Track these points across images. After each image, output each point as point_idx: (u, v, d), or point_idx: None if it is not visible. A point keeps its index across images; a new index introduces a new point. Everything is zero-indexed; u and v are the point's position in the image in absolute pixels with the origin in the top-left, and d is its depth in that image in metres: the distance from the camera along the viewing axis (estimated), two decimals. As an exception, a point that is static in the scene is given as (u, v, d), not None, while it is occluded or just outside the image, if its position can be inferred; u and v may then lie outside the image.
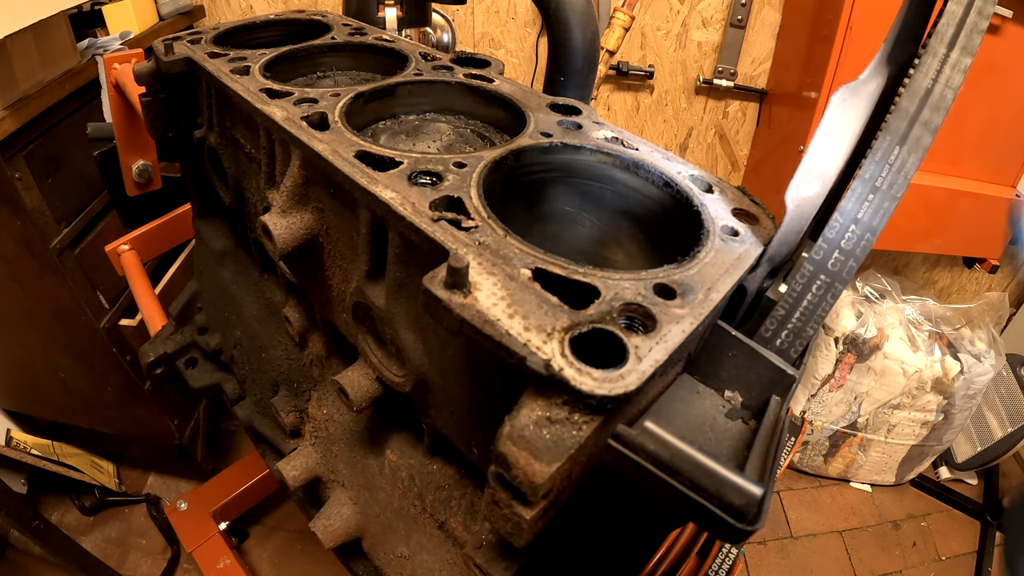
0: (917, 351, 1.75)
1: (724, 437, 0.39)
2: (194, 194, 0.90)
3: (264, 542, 1.68)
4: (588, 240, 0.57)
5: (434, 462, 0.61)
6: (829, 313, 0.43)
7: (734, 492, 0.30)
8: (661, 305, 0.37)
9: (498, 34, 1.83)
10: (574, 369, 0.31)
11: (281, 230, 0.54)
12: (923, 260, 2.14)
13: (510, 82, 0.66)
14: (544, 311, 0.35)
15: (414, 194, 0.45)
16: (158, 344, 0.96)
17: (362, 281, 0.51)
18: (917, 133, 0.39)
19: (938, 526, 1.89)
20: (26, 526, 1.24)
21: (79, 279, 1.26)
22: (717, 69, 1.79)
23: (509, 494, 0.33)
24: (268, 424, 0.84)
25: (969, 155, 1.57)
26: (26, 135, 1.13)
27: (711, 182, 0.52)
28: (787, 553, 1.78)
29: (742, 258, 0.43)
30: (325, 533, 0.65)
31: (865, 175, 0.40)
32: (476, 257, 0.38)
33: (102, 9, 1.43)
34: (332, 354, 0.72)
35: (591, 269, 0.39)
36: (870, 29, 1.38)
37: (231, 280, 0.86)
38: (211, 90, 0.70)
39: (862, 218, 0.40)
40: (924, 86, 0.40)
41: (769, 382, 0.41)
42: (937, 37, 0.40)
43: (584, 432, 0.31)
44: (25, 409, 1.64)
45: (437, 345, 0.46)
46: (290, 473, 0.69)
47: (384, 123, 0.65)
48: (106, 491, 1.71)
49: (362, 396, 0.55)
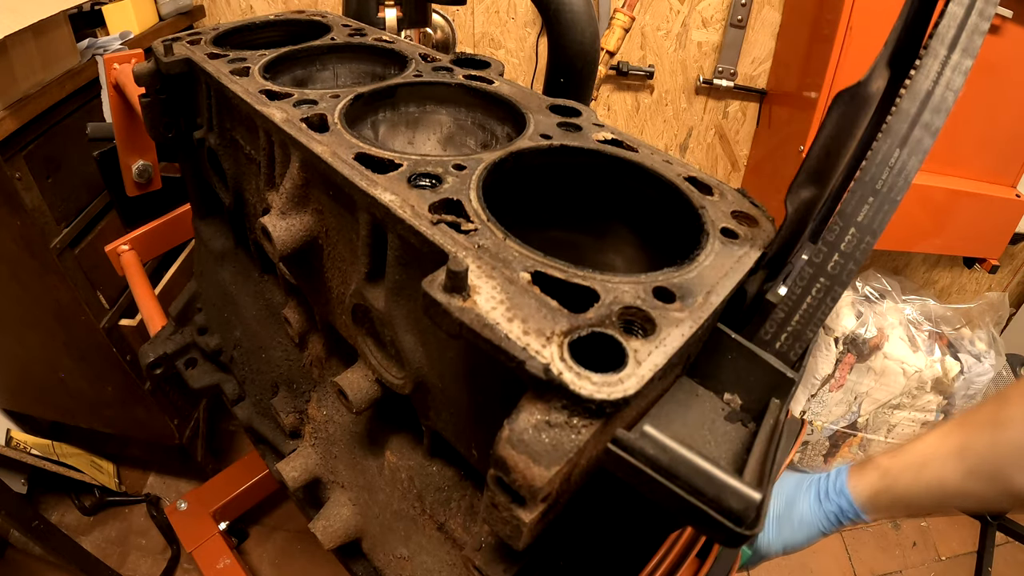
0: (917, 351, 1.75)
1: (723, 440, 0.39)
2: (194, 195, 0.90)
3: (264, 542, 1.69)
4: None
5: (434, 464, 0.61)
6: (829, 315, 0.43)
7: (733, 497, 0.30)
8: (660, 309, 0.37)
9: (498, 34, 1.83)
10: (573, 373, 0.31)
11: (280, 232, 0.54)
12: (923, 260, 2.13)
13: (510, 83, 0.66)
14: (543, 315, 0.35)
15: (413, 196, 0.44)
16: (158, 344, 0.96)
17: (361, 283, 0.51)
18: (918, 135, 0.39)
19: (938, 526, 1.89)
20: (26, 526, 1.24)
21: (79, 279, 1.26)
22: (717, 69, 1.79)
23: (508, 497, 0.33)
24: (268, 425, 0.84)
25: (969, 155, 1.57)
26: (26, 135, 1.13)
27: (711, 184, 0.52)
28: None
29: (742, 261, 0.43)
30: (325, 534, 0.65)
31: (865, 178, 0.40)
32: (475, 260, 0.38)
33: (102, 9, 1.43)
34: (332, 355, 0.72)
35: (590, 272, 0.39)
36: (870, 29, 1.38)
37: (231, 281, 0.86)
38: (211, 91, 0.69)
39: (862, 221, 0.40)
40: (925, 88, 0.40)
41: (768, 385, 0.41)
42: (938, 39, 0.40)
43: (583, 436, 0.31)
44: (25, 409, 1.64)
45: (436, 348, 0.46)
46: (290, 474, 0.69)
47: (383, 114, 0.65)
48: (106, 491, 1.71)
49: (361, 398, 0.55)
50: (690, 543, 0.60)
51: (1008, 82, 1.44)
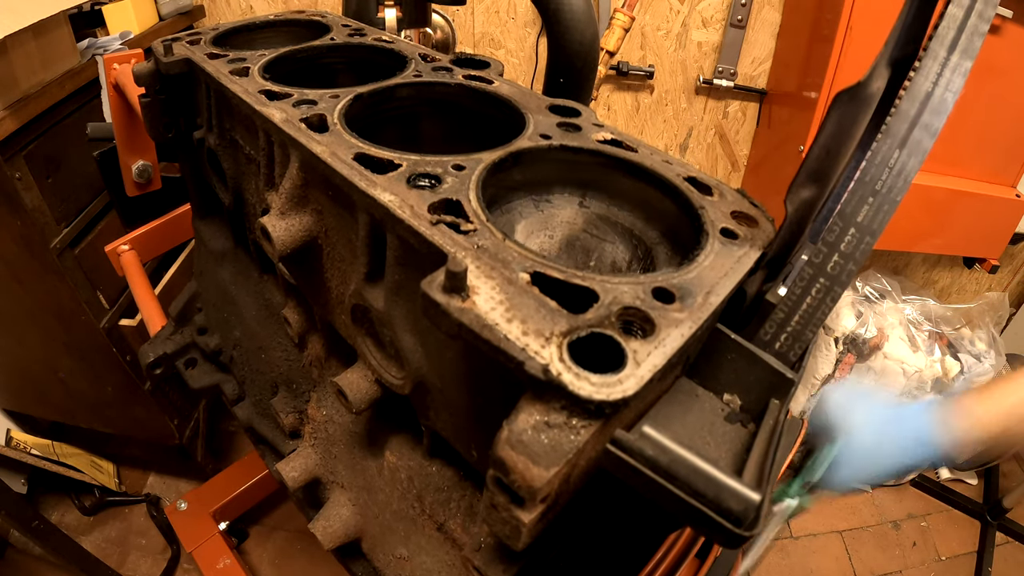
0: (917, 351, 1.75)
1: (723, 441, 0.39)
2: (194, 194, 0.90)
3: (264, 542, 1.68)
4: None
5: (433, 464, 0.61)
6: (828, 315, 0.43)
7: (732, 497, 0.30)
8: (660, 309, 0.37)
9: (498, 34, 1.83)
10: (572, 374, 0.31)
11: (280, 232, 0.54)
12: (923, 260, 2.13)
13: (509, 83, 0.66)
14: (542, 315, 0.35)
15: (413, 197, 0.44)
16: (158, 344, 0.96)
17: (361, 283, 0.51)
18: (917, 136, 0.39)
19: (938, 526, 1.89)
20: (26, 526, 1.24)
21: (79, 279, 1.26)
22: (717, 69, 1.79)
23: (507, 498, 0.33)
24: (268, 425, 0.84)
25: (969, 155, 1.57)
26: (26, 135, 1.12)
27: (710, 184, 0.52)
28: (787, 553, 1.78)
29: (741, 261, 0.43)
30: (324, 534, 0.65)
31: (865, 178, 0.40)
32: (475, 261, 0.38)
33: (102, 9, 1.43)
34: (331, 355, 0.72)
35: (589, 273, 0.39)
36: (870, 29, 1.38)
37: (230, 281, 0.86)
38: (210, 91, 0.69)
39: (862, 221, 0.40)
40: (924, 89, 0.40)
41: (768, 385, 0.41)
42: (938, 40, 0.40)
43: (582, 437, 0.31)
44: (25, 409, 1.64)
45: (436, 348, 0.46)
46: (289, 474, 0.69)
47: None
48: (106, 491, 1.71)
49: (361, 398, 0.55)
50: (689, 544, 0.60)
51: (1008, 82, 1.44)
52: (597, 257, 0.49)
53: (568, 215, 0.53)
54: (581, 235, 0.52)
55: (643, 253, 0.50)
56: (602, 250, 0.51)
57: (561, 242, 0.51)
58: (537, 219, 0.52)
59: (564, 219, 0.52)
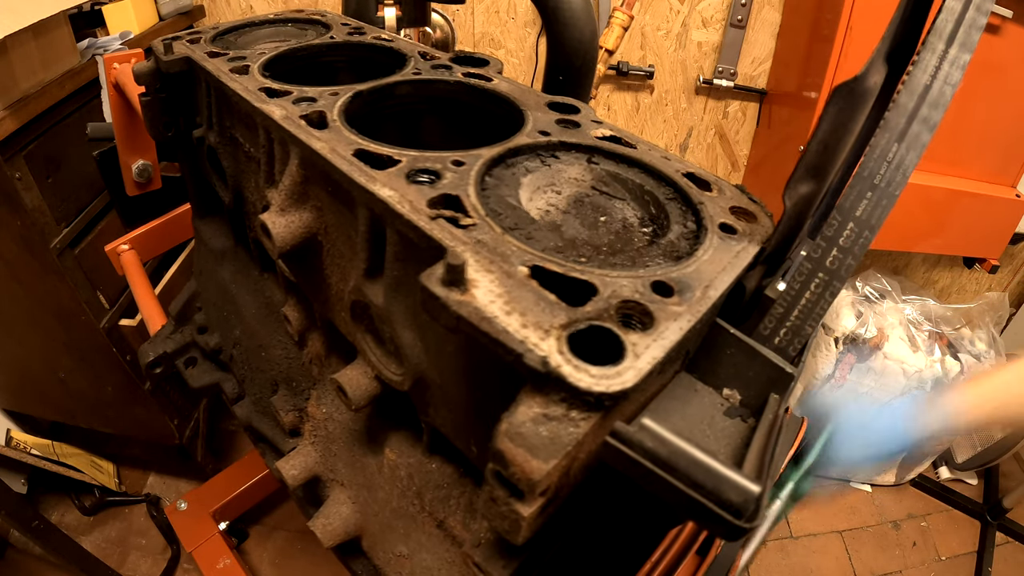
0: (917, 351, 1.75)
1: (722, 435, 0.39)
2: (194, 194, 0.90)
3: (264, 542, 1.68)
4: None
5: (433, 460, 0.60)
6: (828, 312, 0.43)
7: (732, 489, 0.30)
8: (659, 302, 0.37)
9: (498, 34, 1.83)
10: (571, 366, 0.31)
11: (280, 229, 0.54)
12: (923, 260, 2.13)
13: (508, 81, 0.66)
14: (541, 308, 0.35)
15: (412, 192, 0.45)
16: (157, 344, 0.96)
17: (360, 279, 0.51)
18: (916, 130, 0.39)
19: (938, 526, 1.89)
20: (26, 526, 1.24)
21: (79, 279, 1.26)
22: (717, 69, 1.79)
23: (507, 491, 0.33)
24: (267, 423, 0.84)
25: (969, 155, 1.57)
26: (26, 135, 1.13)
27: (709, 180, 0.52)
28: (787, 553, 1.77)
29: (740, 256, 0.43)
30: (324, 532, 0.65)
31: (863, 172, 0.40)
32: (474, 254, 0.38)
33: (102, 9, 1.44)
34: (331, 353, 0.72)
35: (588, 267, 0.39)
36: (870, 29, 1.38)
37: (230, 279, 0.86)
38: (210, 89, 0.70)
39: (860, 216, 0.40)
40: (923, 82, 0.40)
41: (767, 380, 0.41)
42: (936, 33, 0.40)
43: (581, 429, 0.31)
44: (25, 409, 1.64)
45: (435, 343, 0.46)
46: (289, 472, 0.69)
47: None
48: (106, 491, 1.71)
49: (361, 395, 0.55)
50: (690, 540, 0.60)
51: (1008, 82, 1.44)
52: (607, 215, 0.47)
53: (576, 172, 0.52)
54: (590, 192, 0.50)
55: (656, 210, 0.48)
56: (612, 207, 0.49)
57: (569, 199, 0.48)
58: (543, 174, 0.51)
59: (572, 176, 0.51)
